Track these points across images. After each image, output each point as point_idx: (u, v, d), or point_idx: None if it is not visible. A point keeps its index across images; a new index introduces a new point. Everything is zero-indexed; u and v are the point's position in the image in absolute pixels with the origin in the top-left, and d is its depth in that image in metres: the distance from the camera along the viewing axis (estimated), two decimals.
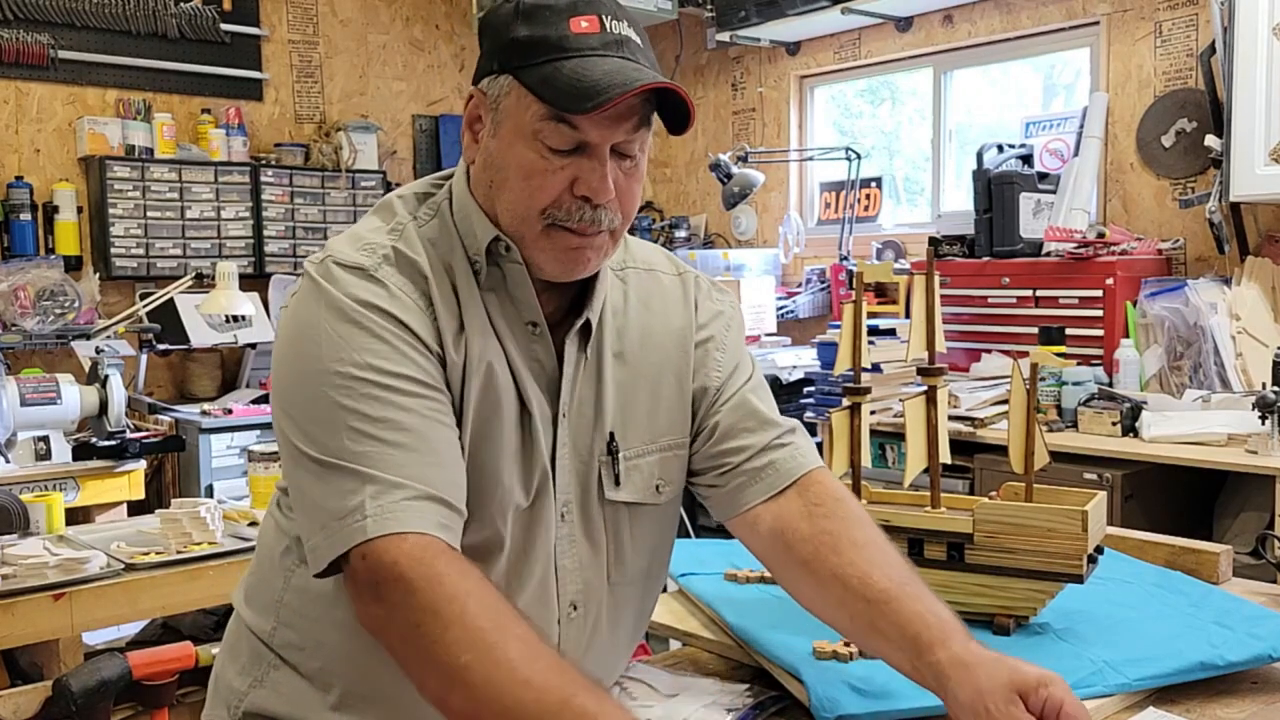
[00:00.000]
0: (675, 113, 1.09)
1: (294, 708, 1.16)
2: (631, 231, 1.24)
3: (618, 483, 1.17)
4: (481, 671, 0.92)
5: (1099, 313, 3.53)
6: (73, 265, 4.39)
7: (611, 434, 1.17)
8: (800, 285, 4.87)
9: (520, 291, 1.13)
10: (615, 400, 1.18)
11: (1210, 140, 3.46)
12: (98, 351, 3.57)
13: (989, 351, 3.77)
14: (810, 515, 1.15)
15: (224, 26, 4.81)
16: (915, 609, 1.04)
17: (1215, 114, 3.47)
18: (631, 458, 1.18)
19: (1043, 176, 3.88)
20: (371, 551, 0.98)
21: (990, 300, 3.79)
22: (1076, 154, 3.91)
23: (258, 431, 3.94)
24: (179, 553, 2.28)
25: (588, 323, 1.16)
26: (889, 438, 3.40)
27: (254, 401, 4.25)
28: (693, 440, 1.23)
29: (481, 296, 1.13)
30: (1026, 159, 3.96)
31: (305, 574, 1.09)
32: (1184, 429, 3.00)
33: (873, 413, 3.40)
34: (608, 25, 1.07)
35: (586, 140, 1.06)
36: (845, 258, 4.55)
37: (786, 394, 4.14)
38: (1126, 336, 3.47)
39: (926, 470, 1.32)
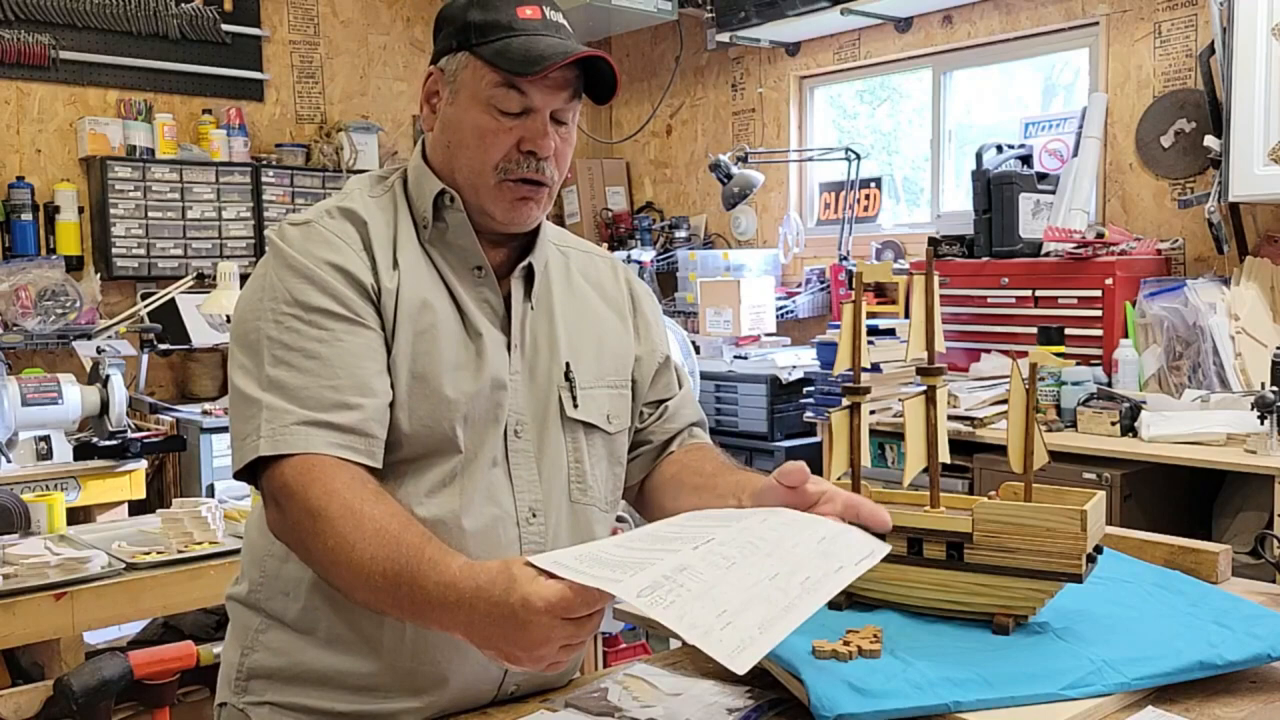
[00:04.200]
0: (602, 87, 1.31)
1: (288, 658, 1.29)
2: (632, 232, 1.34)
3: (576, 404, 1.35)
4: (342, 555, 1.10)
5: (1098, 313, 3.53)
6: (74, 265, 4.39)
7: (567, 364, 1.36)
8: (800, 285, 4.87)
9: (463, 239, 1.31)
10: (567, 339, 1.37)
11: (1209, 140, 3.46)
12: (99, 351, 3.57)
13: (988, 351, 3.78)
14: (686, 458, 1.44)
15: (225, 27, 4.82)
16: (736, 478, 1.29)
17: (1214, 114, 3.47)
18: (585, 387, 1.36)
19: (1042, 177, 3.88)
20: (270, 469, 1.17)
21: (989, 300, 3.79)
22: (1076, 154, 3.91)
23: None
24: (180, 552, 2.29)
25: (530, 268, 1.35)
26: (889, 437, 3.41)
27: None
28: (645, 404, 1.45)
29: (426, 250, 1.31)
30: (1026, 159, 3.96)
31: None
32: (1183, 429, 3.00)
33: (872, 412, 3.40)
34: (547, 14, 1.30)
35: (531, 105, 1.27)
36: (845, 258, 4.55)
37: (786, 394, 4.15)
38: (1125, 336, 3.47)
39: (926, 470, 1.32)
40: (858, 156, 4.56)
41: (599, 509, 1.37)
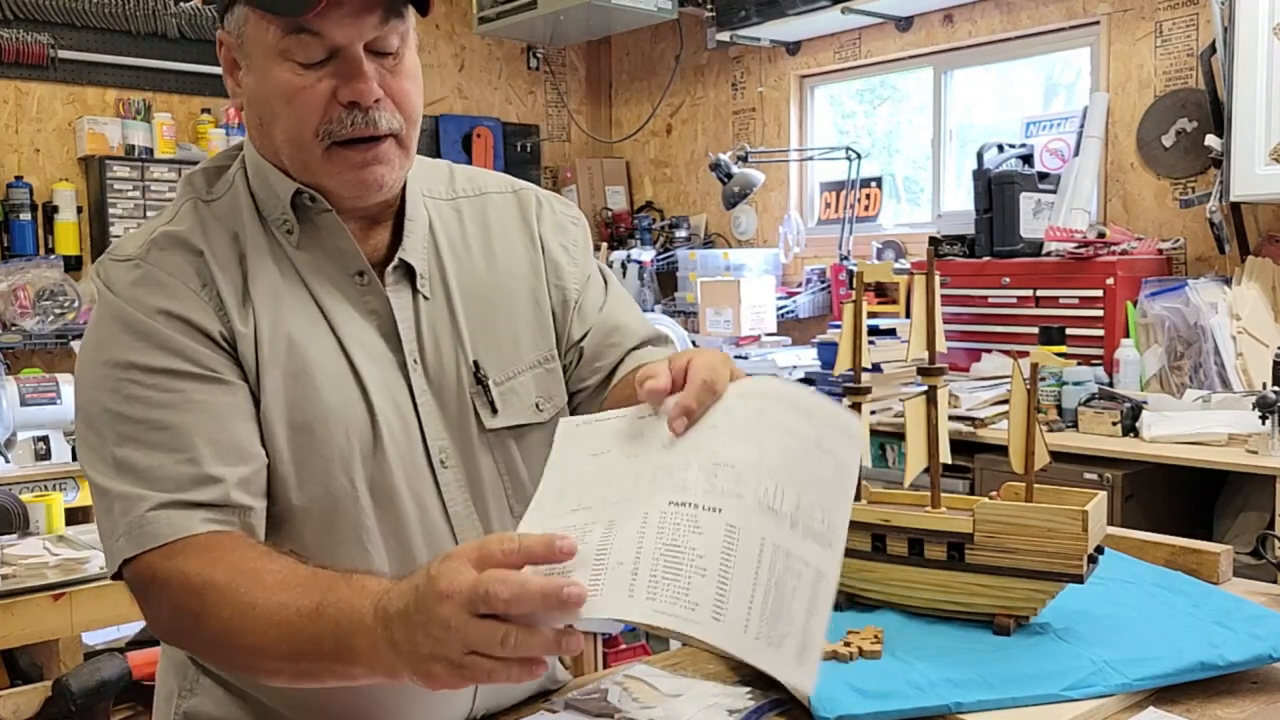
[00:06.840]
0: None
1: (227, 712, 1.15)
2: (632, 231, 1.24)
3: (494, 410, 1.15)
4: (241, 620, 0.91)
5: (1099, 313, 3.52)
6: (72, 265, 4.39)
7: (476, 363, 1.15)
8: (800, 285, 4.86)
9: (339, 241, 1.11)
10: (473, 331, 1.16)
11: (1210, 140, 3.45)
12: None
13: (989, 351, 3.77)
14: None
15: None
16: None
17: (1215, 114, 3.47)
18: (504, 382, 1.16)
19: (1043, 176, 3.87)
20: (134, 565, 0.99)
21: (990, 300, 3.78)
22: (1077, 154, 3.91)
23: None
24: None
25: (408, 266, 1.14)
26: (889, 437, 3.40)
27: None
28: (564, 357, 1.22)
29: (289, 257, 1.10)
30: (1027, 159, 3.95)
31: None
32: (1184, 429, 3.00)
33: (873, 413, 3.40)
34: None
35: (336, 45, 1.03)
36: (845, 257, 4.55)
37: None
38: (1127, 336, 3.47)
39: (927, 470, 1.32)
40: (858, 156, 4.55)
41: None
